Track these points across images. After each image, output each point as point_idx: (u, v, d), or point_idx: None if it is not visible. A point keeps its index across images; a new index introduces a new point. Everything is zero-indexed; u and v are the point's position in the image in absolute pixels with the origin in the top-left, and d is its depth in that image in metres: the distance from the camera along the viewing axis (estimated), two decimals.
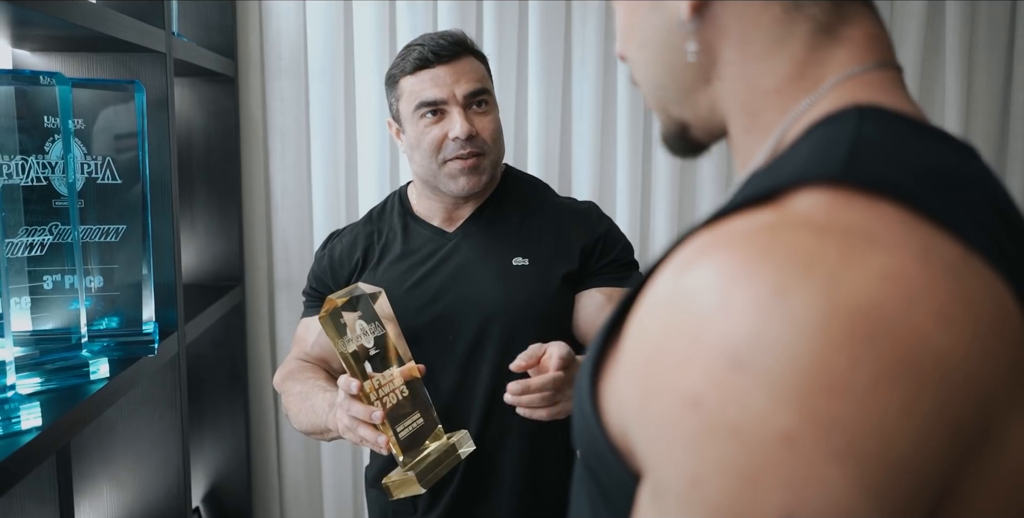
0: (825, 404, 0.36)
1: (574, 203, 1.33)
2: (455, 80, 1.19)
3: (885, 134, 0.46)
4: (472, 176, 1.20)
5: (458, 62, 1.20)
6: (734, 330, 0.37)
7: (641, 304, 0.44)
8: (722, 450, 0.37)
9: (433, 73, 1.19)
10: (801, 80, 0.50)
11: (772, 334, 0.37)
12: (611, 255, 1.25)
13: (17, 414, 0.84)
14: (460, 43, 1.22)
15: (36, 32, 1.11)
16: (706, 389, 0.38)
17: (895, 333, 0.36)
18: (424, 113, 1.20)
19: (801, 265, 0.38)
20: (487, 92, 1.22)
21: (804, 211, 0.41)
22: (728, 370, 0.37)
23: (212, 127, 1.73)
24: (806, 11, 0.50)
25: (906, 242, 0.39)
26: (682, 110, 0.56)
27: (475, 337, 1.21)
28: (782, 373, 0.36)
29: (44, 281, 1.05)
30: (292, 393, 1.23)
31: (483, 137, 1.20)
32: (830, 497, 0.36)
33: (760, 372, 0.37)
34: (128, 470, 1.27)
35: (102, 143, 1.12)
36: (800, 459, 0.36)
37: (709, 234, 0.42)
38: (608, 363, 0.48)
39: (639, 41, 0.56)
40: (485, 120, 1.21)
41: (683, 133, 0.57)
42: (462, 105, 1.19)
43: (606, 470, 0.47)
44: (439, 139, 1.20)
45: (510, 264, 1.23)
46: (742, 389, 0.37)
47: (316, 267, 1.34)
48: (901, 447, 0.36)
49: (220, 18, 1.73)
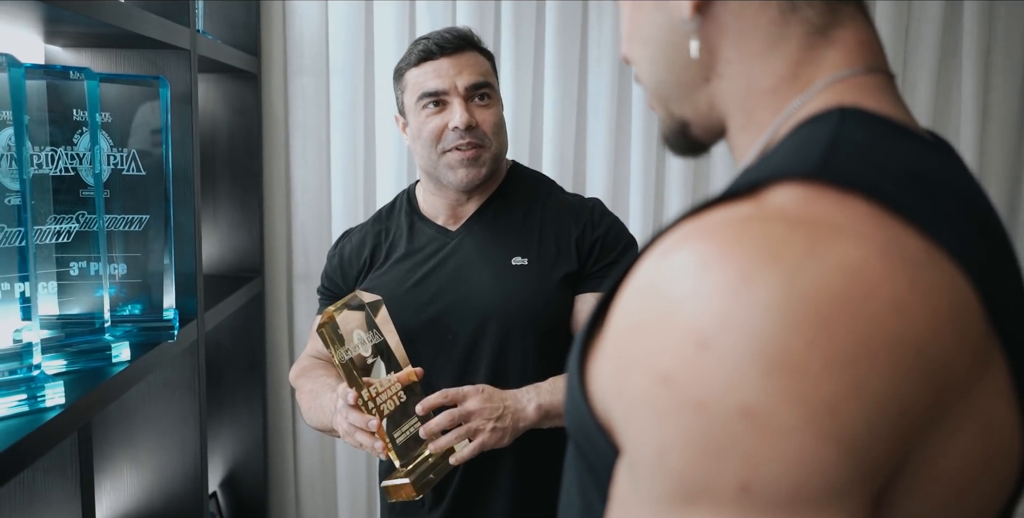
0: (781, 382, 0.38)
1: (578, 201, 1.32)
2: (457, 72, 1.21)
3: (863, 135, 0.48)
4: (471, 168, 1.22)
5: (461, 55, 1.22)
6: (702, 312, 0.40)
7: (626, 287, 0.47)
8: (687, 423, 0.40)
9: (436, 64, 1.22)
10: (795, 80, 0.52)
11: (736, 317, 0.39)
12: (609, 257, 1.25)
13: (42, 392, 0.88)
14: (464, 37, 1.24)
15: (67, 29, 1.15)
16: (675, 367, 0.40)
17: (851, 318, 0.39)
18: (426, 104, 1.22)
19: (768, 254, 0.40)
20: (489, 86, 1.24)
21: (779, 205, 0.44)
22: (695, 349, 0.40)
23: (235, 123, 1.78)
24: (801, 13, 0.52)
25: (871, 235, 0.42)
26: (683, 108, 0.58)
27: (473, 336, 1.22)
28: (744, 353, 0.39)
29: (71, 267, 1.10)
30: (304, 390, 1.27)
31: (483, 129, 1.22)
32: (784, 470, 0.39)
33: (723, 352, 0.39)
34: (148, 451, 1.32)
35: (128, 136, 1.16)
36: (757, 433, 0.39)
37: (692, 223, 0.45)
38: (596, 346, 0.50)
39: (642, 39, 0.58)
40: (486, 113, 1.22)
41: (684, 131, 0.59)
42: (463, 97, 1.21)
43: (593, 448, 0.49)
44: (439, 129, 1.22)
45: (509, 264, 1.24)
46: (707, 367, 0.40)
47: (328, 266, 1.37)
48: (852, 425, 0.39)
49: (245, 16, 1.78)
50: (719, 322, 0.40)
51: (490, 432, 1.10)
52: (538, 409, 1.13)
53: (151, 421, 1.32)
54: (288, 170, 1.90)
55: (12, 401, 0.85)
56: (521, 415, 1.12)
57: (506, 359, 1.22)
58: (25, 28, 1.14)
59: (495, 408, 1.11)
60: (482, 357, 1.22)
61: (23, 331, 0.91)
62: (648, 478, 0.42)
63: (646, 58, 0.58)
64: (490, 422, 1.10)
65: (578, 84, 1.91)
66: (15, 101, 0.87)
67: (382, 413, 1.08)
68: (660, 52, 0.56)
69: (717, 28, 0.53)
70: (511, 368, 1.22)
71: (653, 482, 0.42)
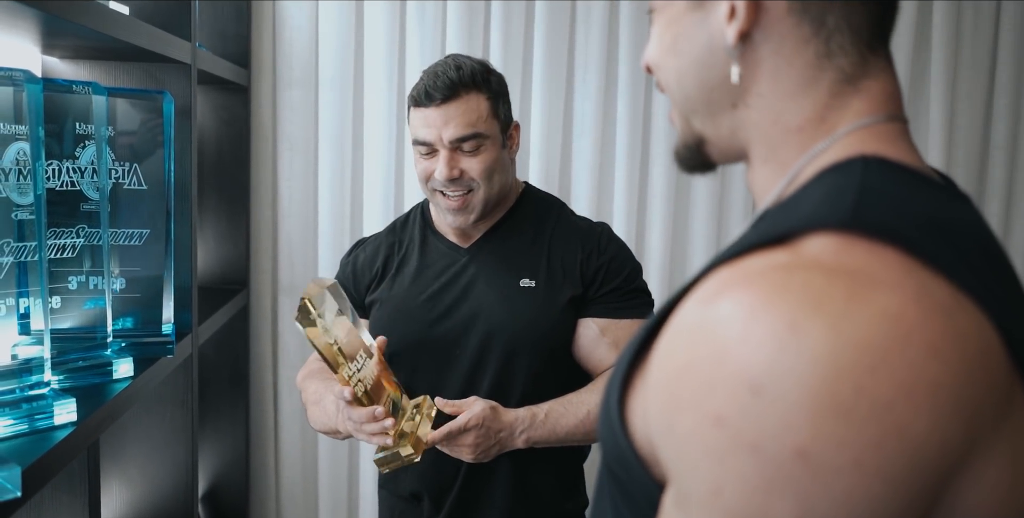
0: (832, 425, 0.41)
1: (587, 225, 1.34)
2: (443, 123, 1.20)
3: (886, 184, 0.51)
4: (459, 215, 1.24)
5: (451, 104, 1.20)
6: (753, 359, 0.43)
7: (668, 329, 0.49)
8: (742, 464, 0.43)
9: (425, 114, 1.21)
10: (821, 123, 0.55)
11: (786, 363, 0.42)
12: (613, 283, 1.27)
13: (51, 410, 0.87)
14: (459, 81, 1.20)
15: (66, 41, 1.15)
16: (728, 410, 0.43)
17: (892, 365, 0.42)
18: (419, 148, 1.24)
19: (812, 303, 0.43)
20: (478, 136, 1.21)
21: (815, 253, 0.47)
22: (747, 394, 0.43)
23: (224, 134, 1.77)
24: (836, 61, 0.55)
25: (904, 284, 0.45)
26: (704, 124, 0.60)
27: (478, 353, 1.25)
28: (795, 398, 0.42)
29: (69, 282, 1.09)
30: (308, 392, 1.29)
31: (470, 176, 1.22)
32: (835, 506, 0.42)
33: (775, 397, 0.42)
34: (138, 468, 1.30)
35: (129, 150, 1.16)
36: (810, 472, 0.42)
37: (730, 270, 0.48)
38: (635, 381, 0.53)
39: (676, 51, 0.59)
40: (474, 161, 1.22)
41: (699, 146, 0.61)
42: (449, 148, 1.21)
43: (630, 477, 0.52)
44: (428, 172, 1.24)
45: (517, 285, 1.26)
46: (760, 411, 0.42)
47: (340, 274, 1.39)
48: (897, 464, 0.42)
49: (235, 28, 1.78)
50: (770, 368, 0.42)
51: (471, 456, 1.17)
52: (526, 441, 1.19)
53: (142, 437, 1.30)
54: (275, 182, 1.89)
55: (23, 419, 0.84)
56: (508, 444, 1.18)
57: (509, 377, 1.25)
58: (23, 39, 1.13)
59: (488, 445, 1.16)
60: (485, 374, 1.25)
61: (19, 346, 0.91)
62: (702, 515, 0.45)
63: (675, 70, 0.59)
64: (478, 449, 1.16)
65: (564, 102, 1.94)
66: (31, 116, 0.86)
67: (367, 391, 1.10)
68: (692, 68, 0.58)
69: (753, 60, 0.55)
70: (513, 386, 1.25)
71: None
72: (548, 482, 1.29)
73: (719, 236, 2.02)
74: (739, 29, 0.54)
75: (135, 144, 1.16)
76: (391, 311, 1.30)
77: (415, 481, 1.29)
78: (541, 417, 1.19)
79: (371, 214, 1.89)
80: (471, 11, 1.87)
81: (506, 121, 1.27)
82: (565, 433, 1.19)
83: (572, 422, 1.19)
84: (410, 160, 1.90)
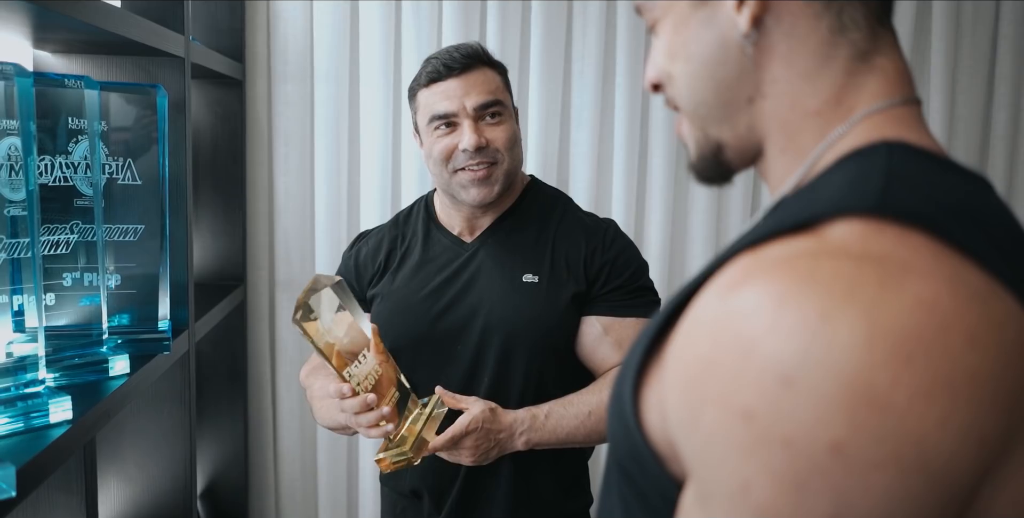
0: (869, 418, 0.40)
1: (593, 221, 1.33)
2: (465, 92, 1.21)
3: (912, 169, 0.50)
4: (483, 187, 1.23)
5: (470, 74, 1.22)
6: (783, 350, 0.41)
7: (687, 320, 0.47)
8: (773, 459, 0.41)
9: (445, 86, 1.22)
10: (838, 106, 0.54)
11: (818, 354, 0.40)
12: (617, 281, 1.26)
13: (46, 408, 0.86)
14: (473, 55, 1.23)
15: (58, 35, 1.13)
16: (758, 403, 0.41)
17: (930, 354, 0.40)
18: (438, 125, 1.23)
19: (843, 291, 0.42)
20: (499, 103, 1.24)
21: (840, 239, 0.45)
22: (778, 386, 0.41)
23: (219, 129, 1.75)
24: (849, 35, 0.54)
25: (937, 270, 0.43)
26: (720, 129, 0.58)
27: (479, 349, 1.24)
28: (829, 389, 0.40)
29: (64, 278, 1.08)
30: (313, 388, 1.28)
31: (495, 147, 1.22)
32: (872, 502, 0.40)
33: (808, 388, 0.40)
34: (136, 465, 1.29)
35: (123, 145, 1.14)
36: (846, 467, 0.40)
37: (752, 257, 0.46)
38: (650, 375, 0.51)
39: (686, 56, 0.58)
40: (498, 130, 1.23)
41: (717, 154, 0.60)
42: (473, 117, 1.21)
43: (644, 474, 0.50)
44: (450, 149, 1.22)
45: (520, 281, 1.25)
46: (792, 404, 0.41)
47: (343, 267, 1.38)
48: (937, 458, 0.40)
49: (229, 22, 1.76)
50: (801, 359, 0.41)
51: (469, 459, 1.16)
52: (525, 443, 1.18)
53: (139, 434, 1.30)
54: (271, 177, 1.88)
55: (18, 417, 0.83)
56: (507, 446, 1.17)
57: (508, 374, 1.24)
58: (14, 33, 1.11)
59: (487, 448, 1.15)
60: (485, 370, 1.24)
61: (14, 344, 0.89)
62: (727, 512, 0.43)
63: (688, 75, 0.58)
64: (477, 452, 1.15)
65: (562, 94, 1.93)
66: (22, 111, 0.85)
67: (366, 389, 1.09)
68: (706, 69, 0.57)
69: (766, 46, 0.54)
70: (513, 382, 1.24)
71: (733, 516, 0.43)
72: (550, 480, 1.28)
73: (718, 228, 2.01)
74: (752, 13, 0.53)
75: (129, 139, 1.15)
76: (392, 306, 1.29)
77: (416, 478, 1.28)
78: (541, 418, 1.17)
79: (368, 208, 1.88)
80: (467, 5, 1.85)
81: (512, 101, 1.29)
82: (566, 435, 1.18)
83: (573, 424, 1.18)
84: (407, 154, 1.89)
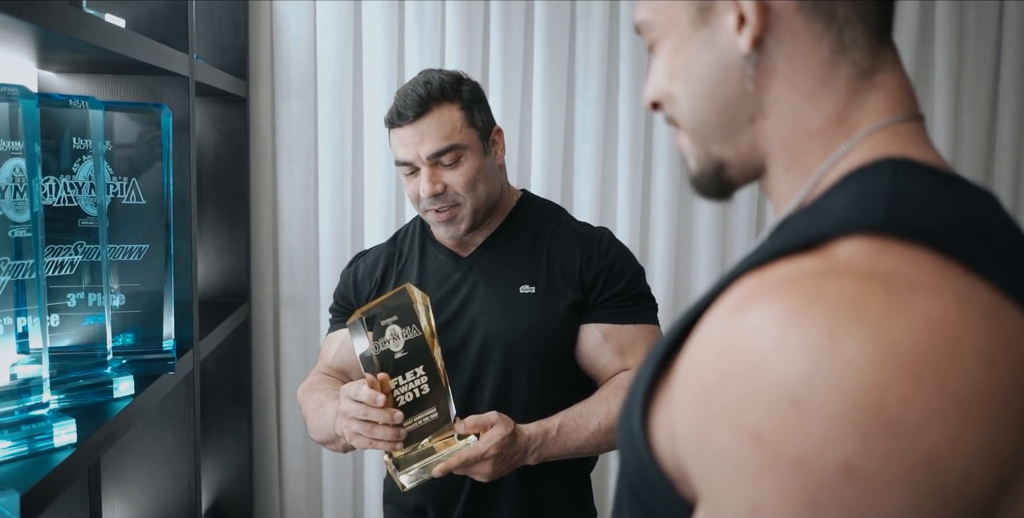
0: (880, 438, 0.39)
1: (587, 230, 1.33)
2: (419, 141, 1.20)
3: (917, 186, 0.50)
4: (449, 227, 1.24)
5: (424, 119, 1.20)
6: (791, 370, 0.40)
7: (694, 342, 0.47)
8: (784, 480, 0.40)
9: (402, 133, 1.22)
10: (840, 124, 0.54)
11: (827, 374, 0.40)
12: (614, 288, 1.26)
13: (50, 432, 0.85)
14: (429, 96, 1.20)
15: (62, 55, 1.13)
16: (767, 424, 0.41)
17: (941, 373, 0.40)
18: (402, 169, 1.25)
19: (850, 310, 0.41)
20: (455, 147, 1.21)
21: (847, 258, 0.45)
22: (787, 407, 0.40)
23: (223, 146, 1.76)
24: (850, 54, 0.53)
25: (944, 288, 0.42)
26: (722, 148, 0.58)
27: (479, 362, 1.24)
28: (839, 410, 0.39)
29: (68, 299, 1.07)
30: (309, 402, 1.26)
31: (453, 190, 1.22)
32: None
33: (817, 409, 0.40)
34: (140, 485, 1.28)
35: (127, 164, 1.14)
36: (858, 489, 0.39)
37: (756, 279, 0.46)
38: (659, 396, 0.50)
39: (686, 77, 0.57)
40: (455, 174, 1.22)
41: (719, 172, 0.59)
42: (429, 164, 1.21)
43: (655, 496, 0.50)
44: (415, 192, 1.24)
45: (517, 292, 1.25)
46: (801, 425, 0.40)
47: (341, 285, 1.38)
48: (950, 477, 0.40)
49: (233, 39, 1.76)
50: (809, 379, 0.40)
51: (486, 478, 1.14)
52: (537, 459, 1.17)
53: (144, 455, 1.29)
54: (275, 193, 1.88)
55: (22, 440, 0.82)
56: (519, 461, 1.17)
57: (510, 386, 1.24)
58: (18, 54, 1.11)
59: (504, 468, 1.14)
60: (487, 383, 1.24)
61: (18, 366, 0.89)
62: None
63: (689, 96, 0.58)
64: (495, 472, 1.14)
65: (565, 108, 1.93)
66: (27, 132, 0.85)
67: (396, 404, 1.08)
68: (706, 89, 0.56)
69: (768, 67, 0.54)
70: (515, 394, 1.24)
71: None
72: (555, 494, 1.28)
73: (723, 241, 2.00)
74: (753, 34, 0.53)
75: (133, 158, 1.15)
76: None
77: (420, 494, 1.27)
78: (553, 434, 1.17)
79: (372, 224, 1.87)
80: (469, 21, 1.86)
81: (485, 128, 1.26)
82: (576, 448, 1.18)
83: (583, 436, 1.17)
84: None
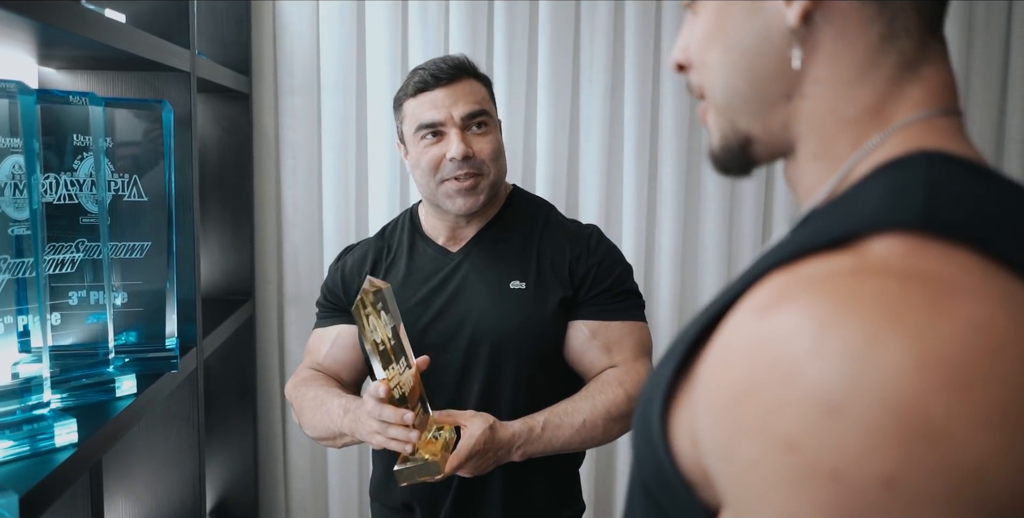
0: (924, 449, 0.37)
1: (576, 227, 1.33)
2: (452, 102, 1.22)
3: (954, 181, 0.47)
4: (469, 197, 1.23)
5: (457, 84, 1.23)
6: (827, 376, 0.38)
7: (718, 343, 0.45)
8: (820, 492, 0.38)
9: (432, 96, 1.22)
10: (877, 115, 0.51)
11: (866, 381, 0.38)
12: (603, 285, 1.26)
13: (51, 431, 0.85)
14: (459, 66, 1.24)
15: (63, 51, 1.12)
16: (802, 433, 0.39)
17: (987, 380, 0.38)
18: (424, 134, 1.23)
19: (890, 313, 0.39)
20: (485, 113, 1.24)
21: (882, 257, 0.42)
22: (823, 415, 0.38)
23: (226, 143, 1.75)
24: (898, 43, 0.51)
25: (987, 289, 0.40)
26: (752, 123, 0.55)
27: (467, 358, 1.24)
28: (879, 419, 0.37)
29: (70, 297, 1.06)
30: (306, 398, 1.25)
31: (481, 158, 1.22)
32: None
33: (856, 418, 0.38)
34: (145, 485, 1.28)
35: (129, 161, 1.13)
36: (901, 502, 0.37)
37: (787, 276, 0.43)
38: (679, 398, 0.48)
39: (724, 44, 0.55)
40: (483, 141, 1.23)
41: (745, 147, 0.56)
42: (460, 127, 1.22)
43: (674, 501, 0.48)
44: (437, 159, 1.22)
45: (507, 287, 1.25)
46: (839, 434, 0.38)
47: (329, 280, 1.37)
48: (997, 491, 0.37)
49: (235, 35, 1.75)
50: (847, 386, 0.38)
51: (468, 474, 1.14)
52: (522, 456, 1.17)
53: (148, 454, 1.28)
54: (279, 190, 1.87)
55: (23, 440, 0.81)
56: (503, 459, 1.17)
57: (498, 381, 1.24)
58: (18, 50, 1.10)
59: (486, 464, 1.14)
60: (475, 378, 1.24)
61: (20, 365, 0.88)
62: None
63: (725, 65, 0.55)
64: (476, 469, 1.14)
65: (570, 105, 1.92)
66: (26, 129, 0.84)
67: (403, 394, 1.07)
68: (744, 61, 0.54)
69: (813, 44, 0.51)
70: (503, 389, 1.24)
71: None
72: (543, 489, 1.28)
73: (730, 239, 1.99)
74: (803, 8, 0.50)
75: (135, 155, 1.13)
76: None
77: (406, 491, 1.26)
78: (538, 431, 1.17)
79: (376, 221, 1.86)
80: (474, 16, 1.84)
81: (497, 114, 1.30)
82: (561, 444, 1.18)
83: (568, 433, 1.17)
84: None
